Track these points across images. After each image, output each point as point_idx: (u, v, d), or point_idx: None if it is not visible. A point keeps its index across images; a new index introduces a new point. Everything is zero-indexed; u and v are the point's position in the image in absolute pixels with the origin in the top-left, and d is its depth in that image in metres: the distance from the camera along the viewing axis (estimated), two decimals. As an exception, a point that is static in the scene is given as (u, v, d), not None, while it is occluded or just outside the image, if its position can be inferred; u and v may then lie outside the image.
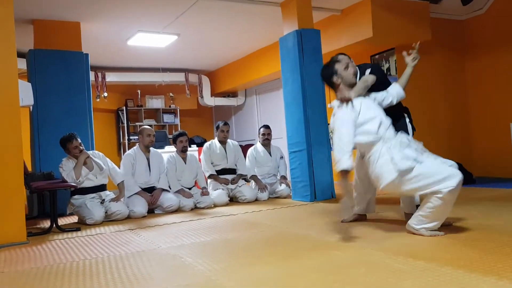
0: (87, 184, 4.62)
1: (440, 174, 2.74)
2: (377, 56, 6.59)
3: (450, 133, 6.70)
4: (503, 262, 2.16)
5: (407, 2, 6.06)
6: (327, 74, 3.24)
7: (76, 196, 4.62)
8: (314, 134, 5.20)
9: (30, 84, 4.77)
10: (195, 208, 5.22)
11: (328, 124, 5.48)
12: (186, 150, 5.48)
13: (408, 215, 3.14)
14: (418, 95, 6.34)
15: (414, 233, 2.88)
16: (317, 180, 5.16)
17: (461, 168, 6.26)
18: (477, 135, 6.76)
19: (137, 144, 5.32)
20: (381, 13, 5.78)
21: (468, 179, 5.95)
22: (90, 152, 4.80)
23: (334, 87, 3.25)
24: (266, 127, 6.17)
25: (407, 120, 3.51)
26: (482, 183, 5.77)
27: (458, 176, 2.74)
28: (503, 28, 6.27)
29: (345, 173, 2.87)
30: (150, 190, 5.08)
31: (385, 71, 6.42)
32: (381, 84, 3.32)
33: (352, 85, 3.17)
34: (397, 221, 3.50)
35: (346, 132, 2.96)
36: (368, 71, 3.33)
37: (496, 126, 6.44)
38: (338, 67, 3.21)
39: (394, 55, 6.29)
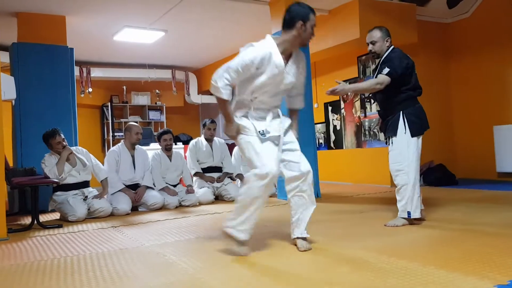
0: (69, 180, 4.56)
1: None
2: (363, 57, 6.63)
3: (433, 134, 6.70)
4: (484, 262, 2.18)
5: (394, 4, 6.11)
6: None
7: (58, 193, 4.55)
8: (300, 133, 5.09)
9: (12, 77, 4.70)
10: (179, 206, 5.19)
11: (315, 124, 5.47)
12: (170, 149, 5.44)
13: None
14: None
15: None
16: (302, 179, 5.15)
17: (444, 169, 6.33)
18: (460, 137, 6.85)
19: (122, 140, 5.26)
20: (368, 15, 5.80)
21: (451, 180, 6.03)
22: (73, 148, 4.73)
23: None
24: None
25: (401, 118, 3.51)
26: (465, 185, 5.85)
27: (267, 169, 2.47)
28: (488, 32, 6.36)
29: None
30: (134, 187, 5.03)
31: (371, 72, 6.46)
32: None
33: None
34: (379, 220, 3.53)
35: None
36: (385, 70, 3.34)
37: (479, 128, 6.53)
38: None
39: (380, 56, 6.32)
